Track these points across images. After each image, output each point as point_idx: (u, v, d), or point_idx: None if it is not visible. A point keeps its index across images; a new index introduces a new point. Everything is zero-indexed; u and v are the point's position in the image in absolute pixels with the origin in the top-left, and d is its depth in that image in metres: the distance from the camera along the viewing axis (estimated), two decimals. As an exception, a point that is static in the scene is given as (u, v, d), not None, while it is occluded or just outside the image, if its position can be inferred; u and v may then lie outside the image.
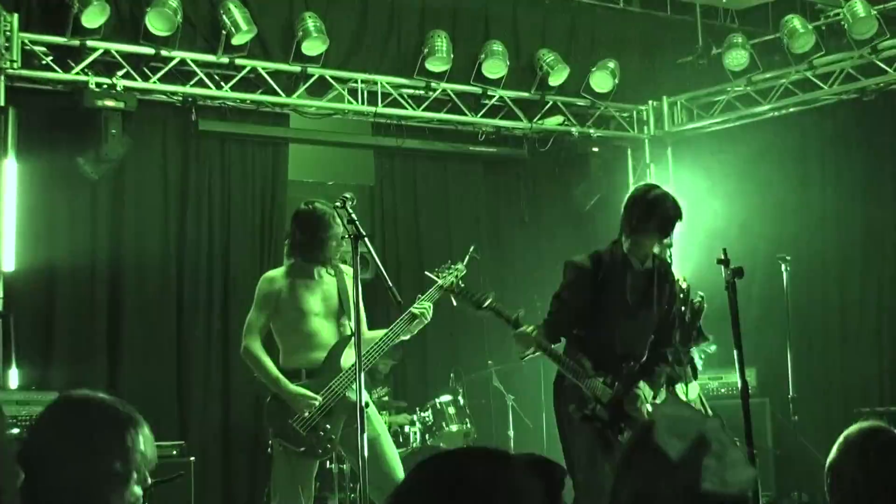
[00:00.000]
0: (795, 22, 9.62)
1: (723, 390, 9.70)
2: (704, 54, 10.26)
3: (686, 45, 10.58)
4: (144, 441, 2.70)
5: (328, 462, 7.48)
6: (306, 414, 5.85)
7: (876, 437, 2.79)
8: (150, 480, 2.77)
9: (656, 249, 5.57)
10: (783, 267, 8.50)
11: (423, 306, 6.01)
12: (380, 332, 6.06)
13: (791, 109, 10.22)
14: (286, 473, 6.00)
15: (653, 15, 11.02)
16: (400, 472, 5.97)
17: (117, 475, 2.58)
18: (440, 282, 6.22)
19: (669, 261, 5.84)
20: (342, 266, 6.18)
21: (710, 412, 6.31)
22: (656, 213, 5.47)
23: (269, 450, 6.47)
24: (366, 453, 5.15)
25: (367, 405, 5.59)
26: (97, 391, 2.74)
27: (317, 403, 5.86)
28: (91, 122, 8.06)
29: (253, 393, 8.28)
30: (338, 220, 5.96)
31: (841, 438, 2.86)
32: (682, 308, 7.36)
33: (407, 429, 8.34)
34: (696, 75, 10.56)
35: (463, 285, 5.95)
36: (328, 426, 5.89)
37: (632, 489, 2.15)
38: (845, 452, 2.81)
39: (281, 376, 5.93)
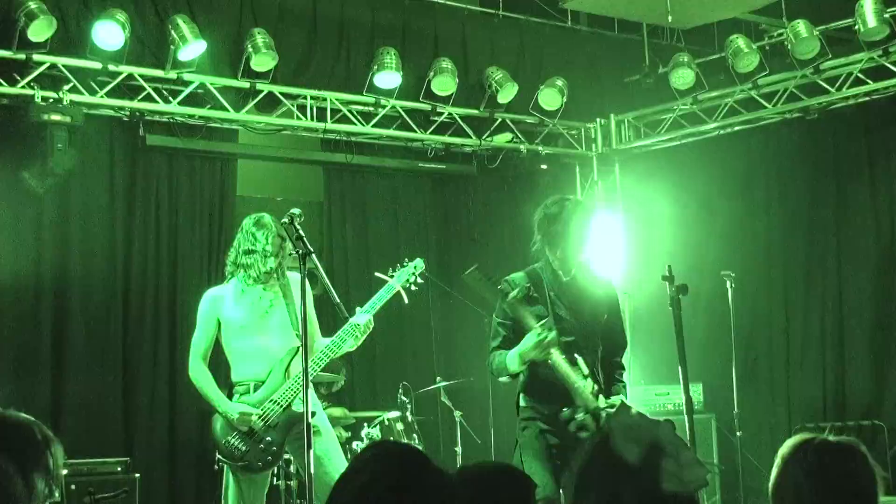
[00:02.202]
0: (740, 42, 9.75)
1: (668, 406, 9.78)
2: (651, 73, 10.38)
3: (633, 63, 10.69)
4: (60, 459, 2.72)
5: (275, 478, 7.46)
6: (244, 430, 5.87)
7: (809, 445, 2.83)
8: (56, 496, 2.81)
9: (580, 258, 5.64)
10: (728, 283, 8.59)
11: (364, 320, 6.05)
12: (323, 342, 6.08)
13: (736, 128, 10.34)
14: (235, 491, 5.99)
15: (600, 34, 11.13)
16: None
17: (41, 493, 2.62)
18: (391, 282, 6.28)
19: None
20: (289, 273, 6.20)
21: None
22: (565, 220, 5.57)
23: (216, 466, 6.46)
24: (312, 469, 5.15)
25: (314, 415, 5.61)
26: (9, 410, 2.77)
27: (254, 419, 5.87)
28: (37, 136, 7.98)
29: (200, 409, 8.22)
30: (280, 236, 6.00)
31: (777, 458, 2.89)
32: None
33: (354, 445, 8.33)
34: (642, 93, 10.67)
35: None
36: (269, 438, 5.88)
37: (593, 499, 2.20)
38: (783, 469, 2.85)
39: (220, 394, 5.96)
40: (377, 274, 6.48)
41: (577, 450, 5.33)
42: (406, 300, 6.46)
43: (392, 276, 6.39)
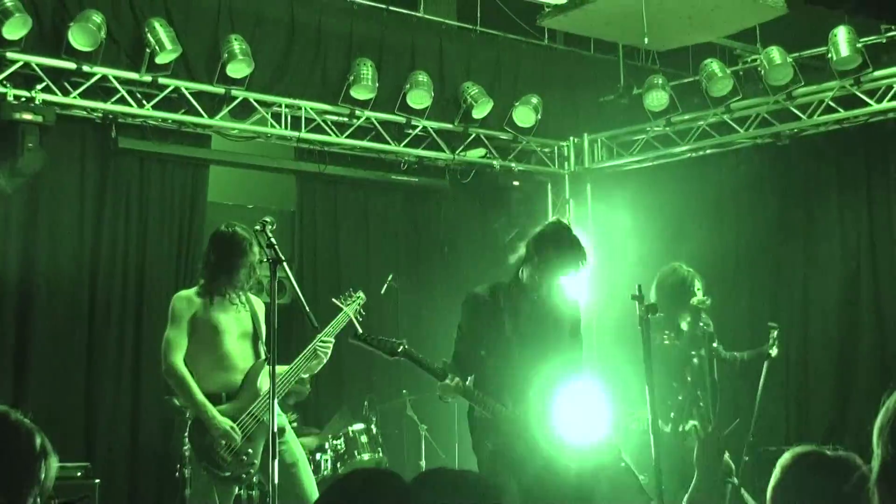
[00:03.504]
0: (714, 66, 9.84)
1: (633, 426, 9.78)
2: (625, 94, 10.43)
3: (608, 83, 10.75)
4: (51, 470, 2.62)
5: (238, 488, 7.40)
6: (224, 444, 5.81)
7: (807, 459, 2.86)
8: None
9: (556, 283, 5.67)
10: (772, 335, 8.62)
11: (326, 344, 6.00)
12: (284, 368, 6.02)
13: (708, 151, 10.42)
14: (205, 500, 5.92)
15: (576, 53, 11.19)
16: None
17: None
18: (345, 309, 6.27)
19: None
20: (252, 297, 6.17)
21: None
22: (563, 253, 5.63)
23: (176, 474, 6.40)
24: (276, 480, 5.12)
25: (283, 431, 5.59)
26: (10, 410, 2.66)
27: (239, 440, 5.81)
28: (7, 134, 7.89)
29: (162, 415, 8.16)
30: (255, 249, 5.95)
31: (775, 471, 2.91)
32: None
33: (318, 456, 8.28)
34: (616, 114, 10.73)
35: (364, 334, 5.82)
36: (250, 451, 5.85)
37: None
38: (780, 482, 2.87)
39: (207, 403, 5.85)
40: (334, 300, 6.46)
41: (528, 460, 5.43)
42: (360, 330, 6.44)
43: (345, 305, 6.38)
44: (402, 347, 5.58)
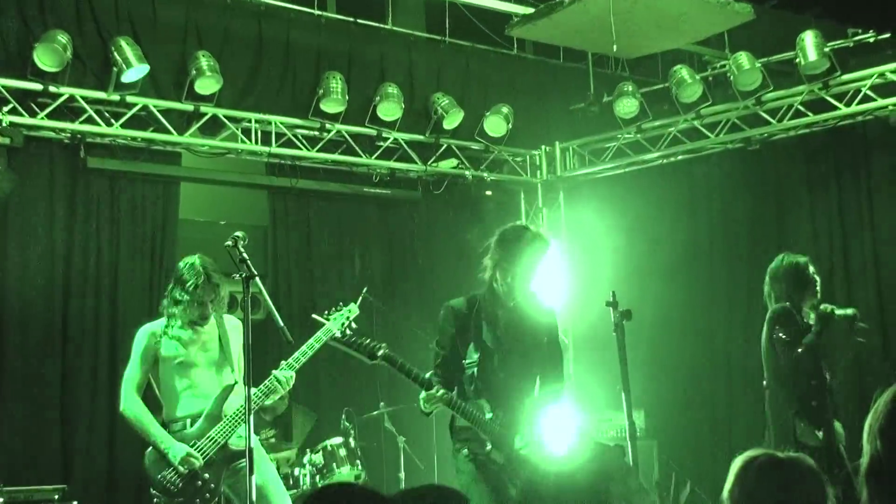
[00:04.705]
0: (684, 72, 9.88)
1: (611, 432, 9.81)
2: (596, 101, 10.46)
3: (578, 92, 10.78)
4: None
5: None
6: (184, 470, 5.79)
7: (755, 461, 2.88)
8: None
9: (529, 285, 5.65)
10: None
11: (286, 375, 5.98)
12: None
13: (679, 157, 10.46)
14: None
15: (546, 62, 11.21)
16: None
17: None
18: (328, 324, 6.22)
19: None
20: (227, 318, 6.17)
21: None
22: (520, 250, 5.61)
23: (153, 500, 6.34)
24: (254, 497, 5.09)
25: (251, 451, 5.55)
26: None
27: (198, 464, 5.79)
28: (-25, 158, 7.86)
29: (140, 437, 8.08)
30: (203, 287, 5.95)
31: (730, 473, 2.93)
32: None
33: (297, 471, 8.24)
34: (587, 122, 10.75)
35: (350, 333, 5.82)
36: (207, 475, 5.81)
37: None
38: (732, 485, 2.89)
39: (163, 431, 5.88)
40: (314, 316, 6.41)
41: (509, 470, 5.43)
42: (337, 334, 6.40)
43: (329, 320, 6.32)
44: (382, 351, 5.54)
